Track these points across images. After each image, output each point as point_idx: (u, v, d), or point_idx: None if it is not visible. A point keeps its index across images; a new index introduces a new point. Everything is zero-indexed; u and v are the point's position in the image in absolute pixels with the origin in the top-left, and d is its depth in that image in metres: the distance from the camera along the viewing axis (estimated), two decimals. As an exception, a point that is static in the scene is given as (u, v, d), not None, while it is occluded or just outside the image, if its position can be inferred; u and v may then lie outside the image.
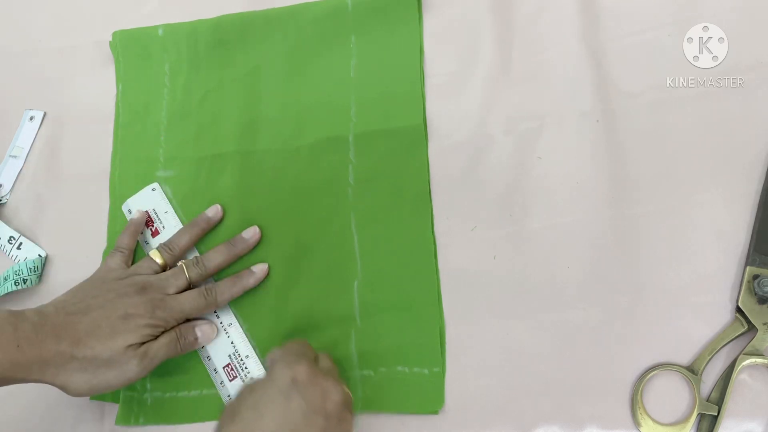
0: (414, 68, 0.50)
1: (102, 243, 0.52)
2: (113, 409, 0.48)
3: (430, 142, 0.49)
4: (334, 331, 0.47)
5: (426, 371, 0.45)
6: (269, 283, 0.48)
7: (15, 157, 0.54)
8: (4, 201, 0.53)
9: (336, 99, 0.51)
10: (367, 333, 0.46)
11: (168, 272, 0.47)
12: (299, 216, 0.49)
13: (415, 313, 0.46)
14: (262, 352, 0.47)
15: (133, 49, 0.54)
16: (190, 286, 0.47)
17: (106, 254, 0.51)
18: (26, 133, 0.54)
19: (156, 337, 0.44)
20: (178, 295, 0.46)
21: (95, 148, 0.54)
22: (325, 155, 0.50)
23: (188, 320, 0.46)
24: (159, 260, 0.47)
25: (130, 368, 0.42)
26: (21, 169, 0.54)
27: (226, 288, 0.47)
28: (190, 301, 0.45)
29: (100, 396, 0.48)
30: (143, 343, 0.43)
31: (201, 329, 0.46)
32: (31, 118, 0.54)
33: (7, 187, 0.54)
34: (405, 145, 0.49)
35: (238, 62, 0.52)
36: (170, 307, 0.44)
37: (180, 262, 0.47)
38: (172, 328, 0.45)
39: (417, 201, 0.48)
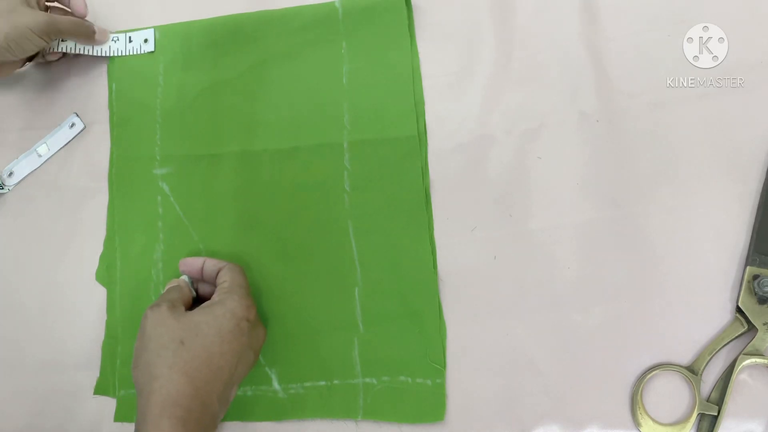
0: (406, 78, 0.50)
1: (101, 240, 0.52)
2: (113, 406, 0.48)
3: (430, 143, 0.49)
4: (336, 337, 0.47)
5: (429, 382, 0.45)
6: (270, 286, 0.48)
7: (40, 156, 0.53)
8: (5, 190, 0.53)
9: (329, 106, 0.50)
10: (369, 341, 0.46)
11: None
12: (297, 219, 0.49)
13: (418, 323, 0.46)
14: (263, 356, 0.47)
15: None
16: None
17: (103, 256, 0.51)
18: (60, 137, 0.54)
19: None
20: None
21: (95, 147, 0.54)
22: (320, 160, 0.50)
23: None
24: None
25: None
26: (38, 168, 0.54)
27: None
28: None
29: (104, 391, 0.48)
30: None
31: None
32: (72, 125, 0.54)
33: (17, 178, 0.54)
34: (400, 155, 0.49)
35: (231, 63, 0.52)
36: None
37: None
38: None
39: (414, 211, 0.48)
